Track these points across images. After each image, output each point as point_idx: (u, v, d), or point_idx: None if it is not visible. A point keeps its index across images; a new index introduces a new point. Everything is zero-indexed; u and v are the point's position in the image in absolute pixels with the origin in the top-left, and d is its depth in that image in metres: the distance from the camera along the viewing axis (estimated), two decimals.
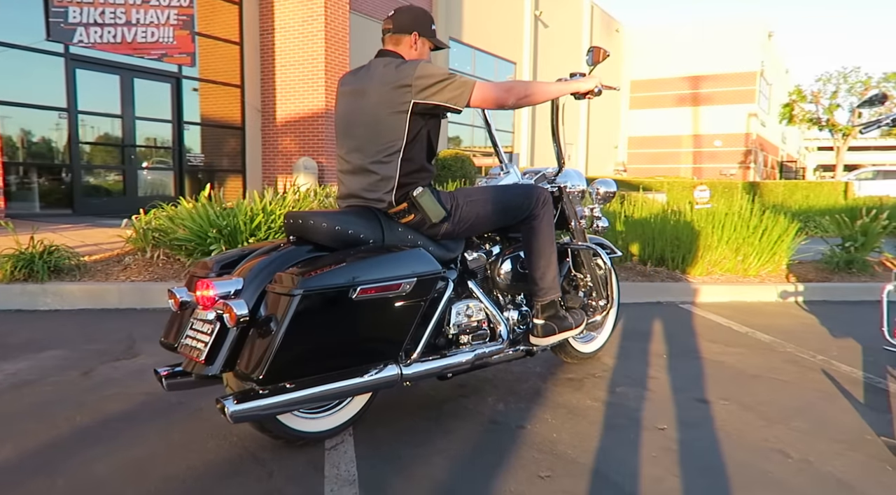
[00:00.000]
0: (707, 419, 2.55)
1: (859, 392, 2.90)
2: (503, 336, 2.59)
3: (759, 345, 3.67)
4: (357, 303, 1.97)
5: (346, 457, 2.15)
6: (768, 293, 5.00)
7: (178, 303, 2.10)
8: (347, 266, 1.99)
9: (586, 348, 3.24)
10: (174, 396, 2.65)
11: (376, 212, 2.31)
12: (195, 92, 11.10)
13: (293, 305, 1.85)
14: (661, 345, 3.64)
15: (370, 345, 2.08)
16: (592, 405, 2.67)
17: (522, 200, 2.54)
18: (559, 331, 2.63)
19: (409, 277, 2.08)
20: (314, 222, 2.17)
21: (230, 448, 2.20)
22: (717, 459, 2.18)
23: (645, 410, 2.62)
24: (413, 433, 2.36)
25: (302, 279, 1.88)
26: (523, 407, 2.64)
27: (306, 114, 11.20)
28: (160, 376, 2.16)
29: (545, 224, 2.58)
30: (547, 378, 3.01)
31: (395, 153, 2.28)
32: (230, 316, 1.87)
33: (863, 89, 25.73)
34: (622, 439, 2.34)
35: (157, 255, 4.74)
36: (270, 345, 1.84)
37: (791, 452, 2.25)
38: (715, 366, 3.25)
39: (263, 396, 1.91)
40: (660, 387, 2.91)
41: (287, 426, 2.13)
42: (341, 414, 2.29)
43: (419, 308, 2.15)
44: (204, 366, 1.94)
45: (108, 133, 10.08)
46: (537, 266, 2.58)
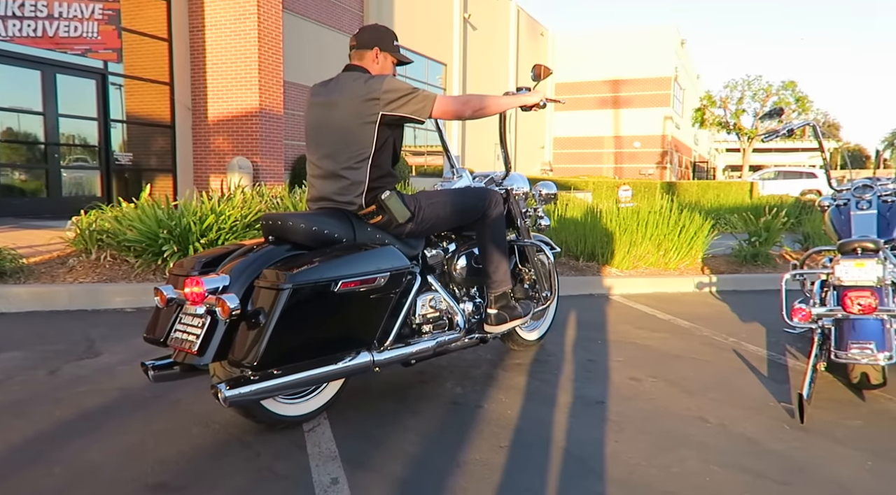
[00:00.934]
0: (639, 393, 2.90)
1: (764, 367, 3.33)
2: (460, 325, 2.86)
3: (680, 331, 4.10)
4: (338, 295, 2.19)
5: (325, 437, 2.36)
6: (686, 284, 5.49)
7: (165, 299, 2.25)
8: (329, 262, 2.20)
9: (531, 336, 3.55)
10: (150, 390, 2.77)
11: (347, 214, 2.53)
12: (121, 89, 10.82)
13: (282, 298, 2.05)
14: (596, 332, 4.01)
15: (348, 334, 2.31)
16: (540, 386, 2.98)
17: (477, 202, 2.81)
18: (510, 320, 2.93)
19: (383, 272, 2.31)
20: (293, 223, 2.37)
21: (214, 434, 2.37)
22: (649, 426, 2.53)
23: (586, 388, 2.95)
24: (383, 414, 2.59)
25: (289, 274, 2.08)
26: (479, 389, 2.91)
27: (240, 113, 11.13)
28: (147, 368, 2.31)
29: (497, 223, 2.86)
30: (497, 364, 3.30)
31: (364, 160, 2.50)
32: (223, 309, 2.05)
33: (764, 96, 27.70)
34: (568, 413, 2.65)
35: (103, 257, 4.74)
36: (262, 335, 2.03)
37: (709, 418, 2.62)
38: (643, 350, 3.63)
39: (254, 382, 2.10)
40: (598, 368, 3.25)
41: (270, 411, 2.32)
42: (317, 399, 2.49)
43: (391, 300, 2.39)
44: (196, 357, 2.11)
45: (28, 131, 9.71)
46: (490, 260, 2.86)
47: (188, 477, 2.03)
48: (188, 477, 2.03)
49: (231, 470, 2.09)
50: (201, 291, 2.11)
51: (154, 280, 4.55)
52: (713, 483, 2.07)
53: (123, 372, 3.04)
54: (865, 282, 2.72)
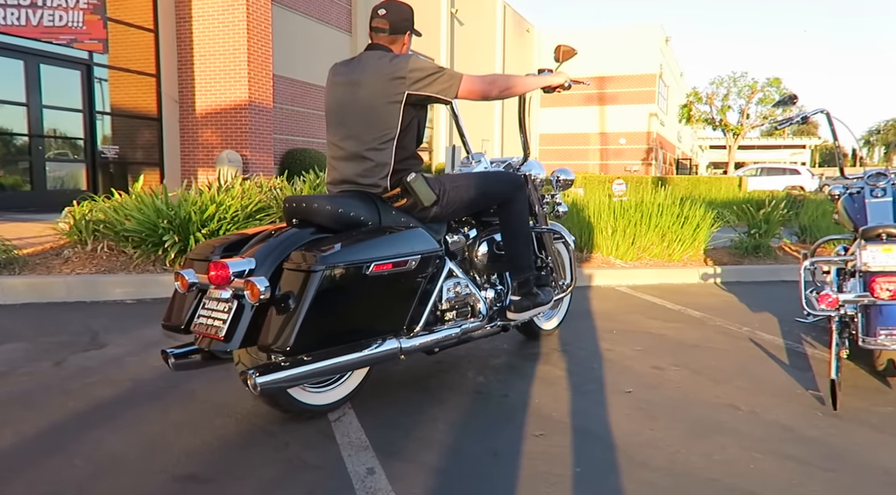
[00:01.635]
0: (664, 382, 2.85)
1: (783, 356, 3.31)
2: (482, 312, 2.79)
3: (692, 320, 4.06)
4: (370, 278, 2.11)
5: (352, 427, 2.28)
6: (691, 275, 5.48)
7: (186, 284, 2.16)
8: (360, 244, 2.12)
9: (547, 325, 3.50)
10: (164, 380, 2.67)
11: (372, 197, 2.44)
12: (105, 80, 10.59)
13: (315, 280, 1.97)
14: (609, 322, 3.96)
15: (378, 320, 2.22)
16: (562, 374, 2.92)
17: (502, 186, 2.74)
18: (533, 306, 2.86)
19: (414, 254, 2.24)
20: (318, 205, 2.29)
21: (237, 424, 2.28)
22: (681, 414, 2.48)
23: (609, 377, 2.90)
24: (408, 404, 2.52)
25: (321, 255, 2.00)
26: (502, 378, 2.85)
27: (229, 105, 10.95)
28: (168, 356, 2.21)
29: (522, 207, 2.80)
30: (515, 353, 3.24)
31: (389, 141, 2.42)
32: (252, 292, 1.96)
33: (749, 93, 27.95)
34: (596, 401, 2.59)
35: (100, 248, 4.60)
36: (295, 319, 1.95)
37: (740, 405, 2.58)
38: (659, 339, 3.59)
39: (285, 368, 2.01)
40: (617, 358, 3.20)
41: (297, 400, 2.24)
42: (343, 387, 2.41)
43: (420, 284, 2.31)
44: (222, 343, 2.02)
45: (11, 122, 9.46)
46: (514, 246, 2.79)
47: (217, 469, 1.94)
48: (217, 469, 1.94)
49: (260, 460, 2.00)
50: (227, 274, 2.02)
51: (154, 271, 4.42)
52: (758, 470, 2.02)
53: (133, 363, 2.93)
54: (894, 268, 2.70)
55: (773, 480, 1.96)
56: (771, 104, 5.85)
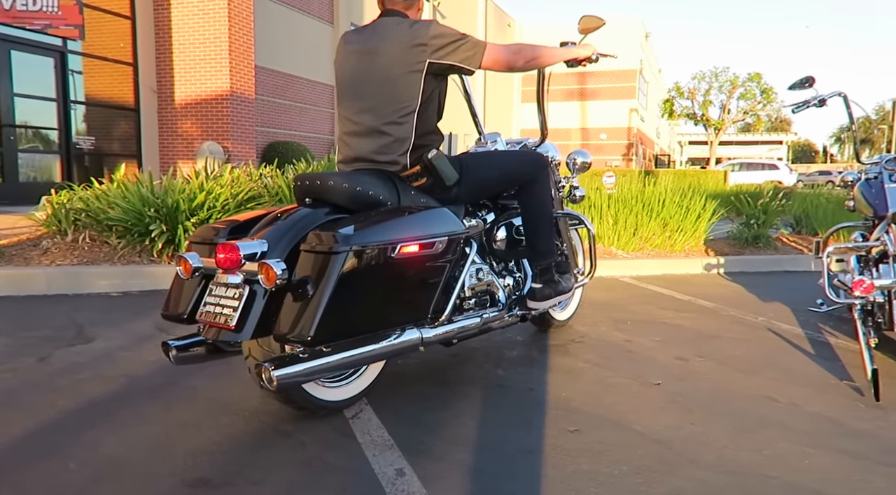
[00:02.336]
0: (692, 374, 2.71)
1: (807, 345, 3.19)
2: (502, 301, 2.62)
3: (705, 311, 3.94)
4: (396, 261, 1.93)
5: (372, 424, 2.10)
6: (693, 266, 5.37)
7: (190, 269, 1.96)
8: (385, 223, 1.94)
9: (561, 316, 3.34)
10: (161, 376, 2.47)
11: (390, 175, 2.26)
12: (79, 73, 10.21)
13: (338, 263, 1.79)
14: (620, 313, 3.82)
15: (403, 307, 2.05)
16: (586, 367, 2.77)
17: (525, 166, 2.57)
18: (555, 295, 2.70)
19: (441, 235, 2.06)
20: (334, 183, 2.10)
21: (246, 423, 2.08)
22: (719, 407, 2.34)
23: (634, 369, 2.75)
24: (427, 399, 2.35)
25: (344, 235, 1.81)
26: (522, 371, 2.69)
27: (209, 96, 10.64)
28: (170, 348, 2.01)
29: (545, 189, 2.63)
30: (531, 345, 3.08)
31: (409, 114, 2.24)
32: (268, 275, 1.78)
33: (731, 87, 28.15)
34: (626, 394, 2.44)
35: (81, 238, 4.34)
36: (316, 305, 1.76)
37: (777, 397, 2.45)
38: (676, 329, 3.46)
39: (303, 360, 1.83)
40: (638, 349, 3.06)
41: (312, 395, 2.05)
42: (359, 382, 2.23)
43: (446, 268, 2.14)
44: (233, 333, 1.83)
45: None
46: (536, 231, 2.63)
47: (230, 471, 1.75)
48: (230, 471, 1.75)
49: (277, 462, 1.82)
50: (238, 257, 1.83)
51: (140, 262, 4.18)
52: (815, 466, 1.88)
53: (125, 358, 2.71)
54: None
55: (833, 477, 1.82)
56: (788, 87, 5.88)
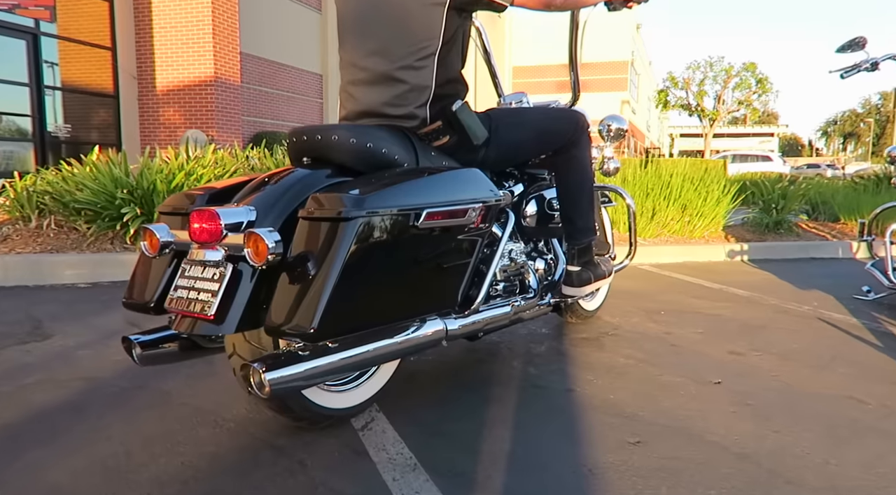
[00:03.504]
0: (752, 370, 2.33)
1: (869, 336, 2.82)
2: (533, 287, 2.22)
3: (741, 300, 3.56)
4: (421, 232, 1.52)
5: (387, 438, 1.69)
6: (714, 253, 5.00)
7: (157, 244, 1.54)
8: (406, 184, 1.53)
9: (590, 306, 2.95)
10: (126, 379, 2.04)
11: (405, 132, 1.85)
12: (56, 52, 9.68)
13: (349, 233, 1.37)
14: (649, 302, 3.43)
15: (430, 291, 1.64)
16: (628, 363, 2.37)
17: (563, 125, 2.17)
18: (595, 279, 2.31)
19: (475, 202, 1.65)
20: (339, 137, 1.68)
21: (232, 437, 1.67)
22: (800, 410, 1.95)
23: (685, 365, 2.36)
24: (450, 404, 1.94)
25: (357, 197, 1.40)
26: (557, 369, 2.29)
27: (192, 82, 10.14)
28: (132, 345, 1.59)
29: (584, 154, 2.23)
30: (559, 338, 2.68)
31: (429, 56, 1.82)
32: (256, 249, 1.36)
33: (726, 77, 27.86)
34: (685, 396, 2.05)
35: (46, 224, 3.90)
36: (320, 288, 1.35)
37: (863, 398, 2.06)
38: (718, 320, 3.07)
39: (303, 359, 1.42)
40: (682, 342, 2.67)
41: (312, 402, 1.64)
42: (369, 384, 1.82)
43: (478, 244, 1.73)
44: (211, 324, 1.41)
45: None
46: (575, 203, 2.23)
47: None
48: None
49: (271, 488, 1.41)
50: (218, 227, 1.42)
51: (112, 250, 3.74)
52: None
53: (86, 357, 2.29)
54: None
55: None
56: (836, 50, 5.52)
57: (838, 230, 6.06)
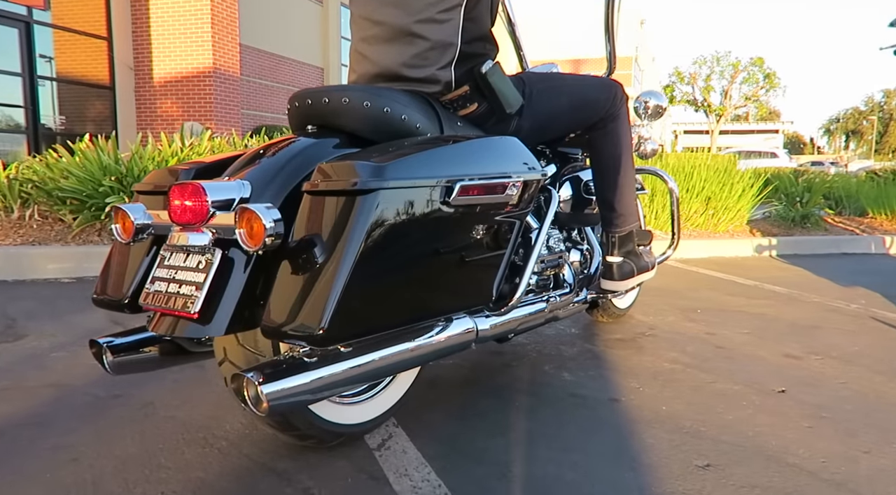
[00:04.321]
0: (819, 377, 2.05)
1: None
2: (569, 281, 1.95)
3: (782, 297, 3.28)
4: (454, 211, 1.24)
5: (409, 459, 1.41)
6: (741, 248, 4.72)
7: (131, 227, 1.26)
8: (437, 152, 1.25)
9: (622, 303, 2.67)
10: (103, 387, 1.77)
11: (427, 98, 1.57)
12: (51, 42, 9.40)
13: (366, 208, 1.10)
14: (683, 300, 3.15)
15: (463, 283, 1.36)
16: (674, 368, 2.10)
17: (601, 95, 1.89)
18: (637, 272, 2.04)
19: (515, 175, 1.37)
20: (350, 100, 1.40)
21: (225, 459, 1.39)
22: (885, 425, 1.68)
23: (739, 371, 2.09)
24: (479, 416, 1.66)
25: (377, 167, 1.12)
26: (594, 374, 2.01)
27: (190, 73, 9.85)
28: (102, 349, 1.32)
29: (625, 128, 1.95)
30: (591, 339, 2.41)
31: (454, 8, 1.54)
32: (251, 230, 1.09)
33: (733, 72, 27.46)
34: (748, 407, 1.78)
35: (28, 215, 3.62)
36: (330, 278, 1.07)
37: None
38: (762, 319, 2.79)
39: (309, 368, 1.14)
40: (728, 344, 2.39)
41: (320, 418, 1.36)
42: (386, 395, 1.54)
43: (518, 227, 1.45)
44: (196, 324, 1.14)
45: None
46: (614, 185, 1.95)
47: None
48: None
49: None
50: (204, 205, 1.14)
51: (99, 242, 3.47)
52: None
53: (59, 361, 2.02)
54: None
55: None
56: (889, 24, 5.25)
57: (866, 224, 5.78)
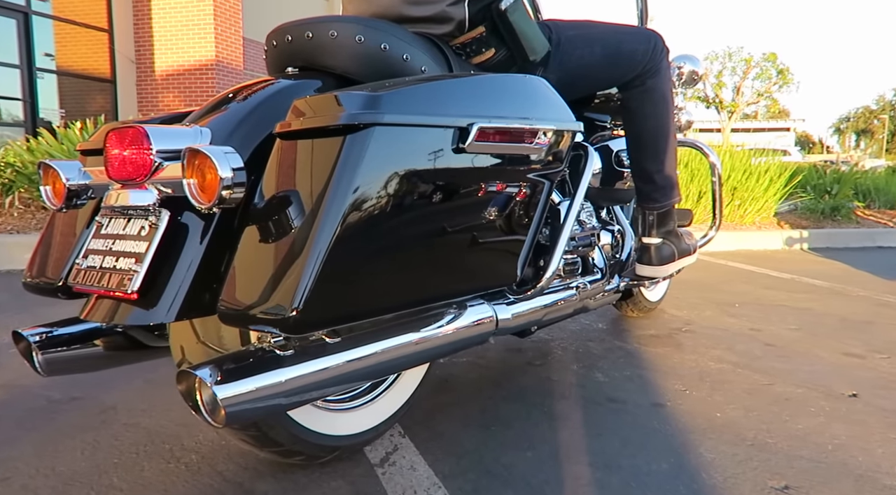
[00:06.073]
0: (891, 378, 1.76)
1: None
2: (600, 266, 1.67)
3: (824, 291, 2.99)
4: (470, 159, 0.97)
5: (418, 478, 1.14)
6: (770, 240, 4.42)
7: (64, 190, 1.00)
8: (447, 85, 0.98)
9: (653, 296, 2.39)
10: (58, 388, 1.51)
11: (435, 41, 1.29)
12: (51, 34, 9.20)
13: (356, 150, 0.83)
14: (718, 294, 2.87)
15: (479, 257, 1.08)
16: (721, 367, 1.82)
17: (638, 45, 1.60)
18: (679, 256, 1.76)
19: (544, 122, 1.10)
20: (338, 34, 1.13)
21: (192, 476, 1.13)
22: None
23: (797, 371, 1.81)
24: (501, 424, 1.39)
25: (369, 97, 0.85)
26: (630, 375, 1.74)
27: (193, 66, 9.63)
28: (29, 345, 1.06)
29: (666, 85, 1.67)
30: (622, 335, 2.13)
31: None
32: (203, 181, 0.82)
33: (745, 68, 27.00)
34: (819, 414, 1.50)
35: (9, 202, 3.37)
36: (307, 245, 0.80)
37: None
38: (808, 314, 2.51)
39: (278, 363, 0.87)
40: (777, 341, 2.11)
41: (305, 428, 1.09)
42: (387, 399, 1.27)
43: (548, 189, 1.17)
44: (136, 308, 0.87)
45: None
46: (654, 152, 1.67)
47: None
48: None
49: None
50: (146, 155, 0.87)
51: None
52: None
53: (17, 357, 1.76)
54: None
55: None
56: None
57: None
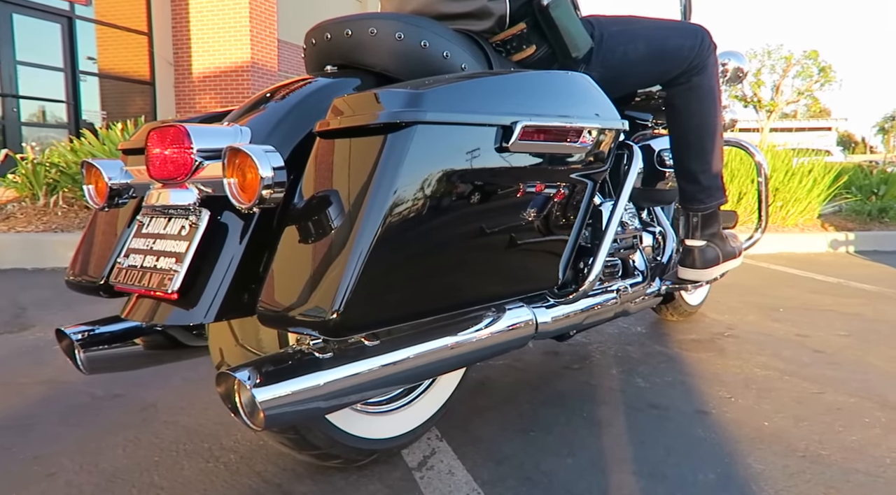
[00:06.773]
0: None
1: None
2: (641, 269, 1.63)
3: (874, 295, 2.89)
4: (513, 159, 0.95)
5: (457, 483, 1.12)
6: (814, 243, 4.30)
7: (106, 189, 1.01)
8: (490, 82, 0.96)
9: (694, 299, 2.33)
10: (100, 385, 1.53)
11: (475, 38, 1.27)
12: (93, 38, 9.42)
13: (397, 149, 0.81)
14: (761, 298, 2.79)
15: (521, 260, 1.06)
16: (768, 374, 1.76)
17: (685, 41, 1.56)
18: (723, 259, 1.70)
19: (589, 121, 1.06)
20: (378, 32, 1.11)
21: (232, 477, 1.12)
22: None
23: (851, 380, 1.74)
24: (540, 429, 1.36)
25: (412, 95, 0.83)
26: (672, 381, 1.69)
27: (229, 68, 9.77)
28: (71, 343, 1.07)
29: (713, 83, 1.62)
30: (661, 340, 2.08)
31: None
32: (243, 180, 0.81)
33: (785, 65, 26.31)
34: (875, 426, 1.43)
35: (54, 201, 3.45)
36: (348, 246, 0.78)
37: None
38: (859, 319, 2.42)
39: (319, 365, 0.86)
40: (827, 347, 2.03)
41: (342, 431, 1.08)
42: (425, 402, 1.25)
43: (592, 190, 1.14)
44: (176, 308, 0.87)
45: None
46: (700, 151, 1.62)
47: None
48: None
49: None
50: (187, 153, 0.87)
51: None
52: None
53: (60, 355, 1.79)
54: None
55: None
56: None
57: None
